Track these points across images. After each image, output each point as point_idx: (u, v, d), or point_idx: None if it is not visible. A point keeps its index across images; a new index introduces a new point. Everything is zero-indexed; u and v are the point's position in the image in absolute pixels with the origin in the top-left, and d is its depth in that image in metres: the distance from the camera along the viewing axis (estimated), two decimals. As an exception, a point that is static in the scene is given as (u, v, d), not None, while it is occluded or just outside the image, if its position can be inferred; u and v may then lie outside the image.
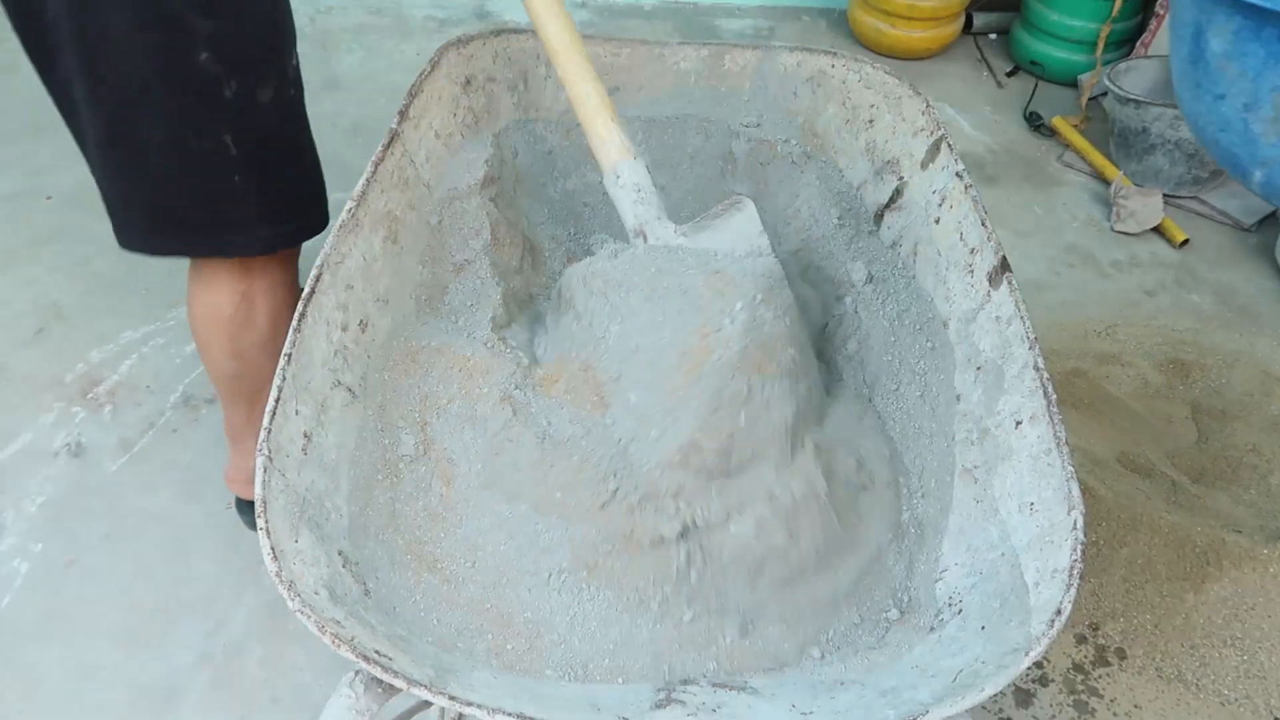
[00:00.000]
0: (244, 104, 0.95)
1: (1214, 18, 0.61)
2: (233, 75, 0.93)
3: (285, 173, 1.03)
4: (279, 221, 1.04)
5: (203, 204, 0.99)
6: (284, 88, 0.99)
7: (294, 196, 1.06)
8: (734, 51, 1.23)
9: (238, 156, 0.96)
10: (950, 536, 0.82)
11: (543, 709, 0.69)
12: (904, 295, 1.00)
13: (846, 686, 0.72)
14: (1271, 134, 0.60)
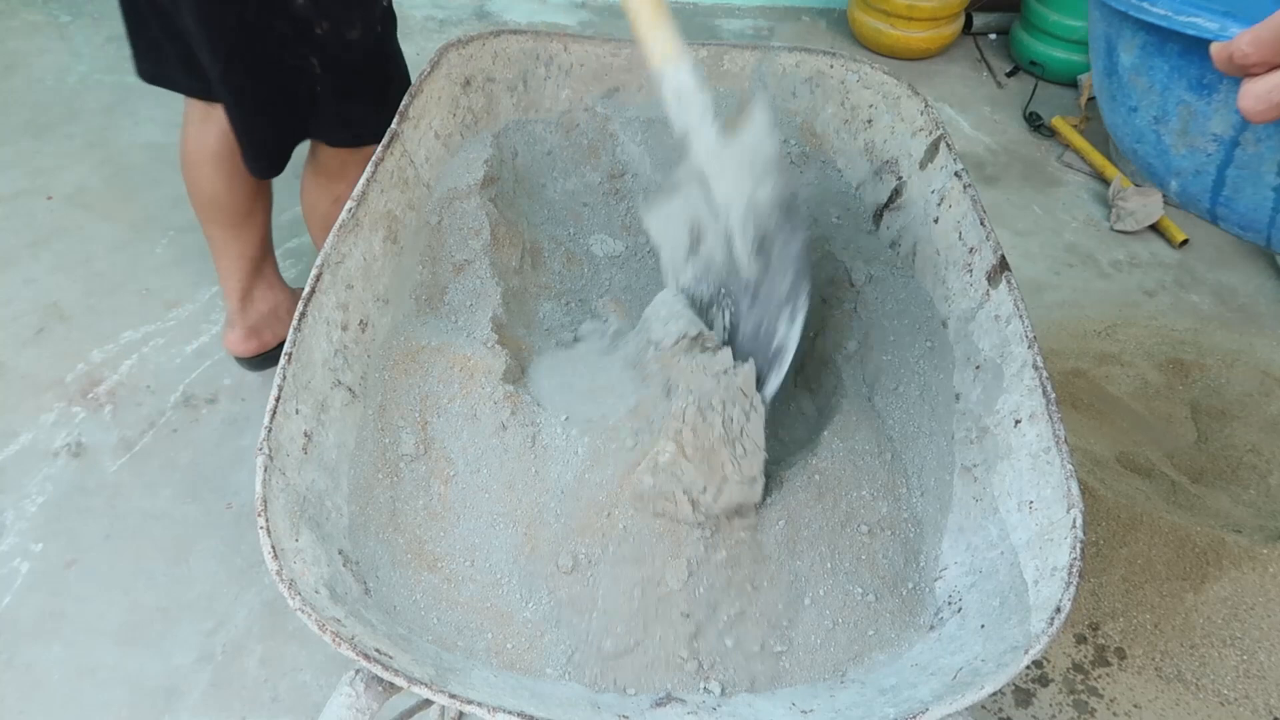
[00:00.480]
0: (331, 39, 1.20)
1: (1122, 33, 0.62)
2: (323, 18, 1.18)
3: (364, 92, 1.27)
4: (349, 124, 1.29)
5: (292, 108, 1.27)
6: (371, 26, 1.23)
7: (369, 112, 1.28)
8: (733, 52, 1.23)
9: (321, 75, 1.23)
10: (950, 535, 0.82)
11: (543, 707, 0.69)
12: (903, 295, 1.00)
13: (846, 685, 0.73)
14: (1181, 145, 0.61)
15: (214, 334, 1.76)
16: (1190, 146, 0.60)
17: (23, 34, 2.57)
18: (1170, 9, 0.55)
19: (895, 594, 0.79)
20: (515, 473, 0.83)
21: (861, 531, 0.82)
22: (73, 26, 2.63)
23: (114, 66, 2.48)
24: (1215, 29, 0.53)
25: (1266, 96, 0.47)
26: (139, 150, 2.20)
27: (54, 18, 2.65)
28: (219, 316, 1.80)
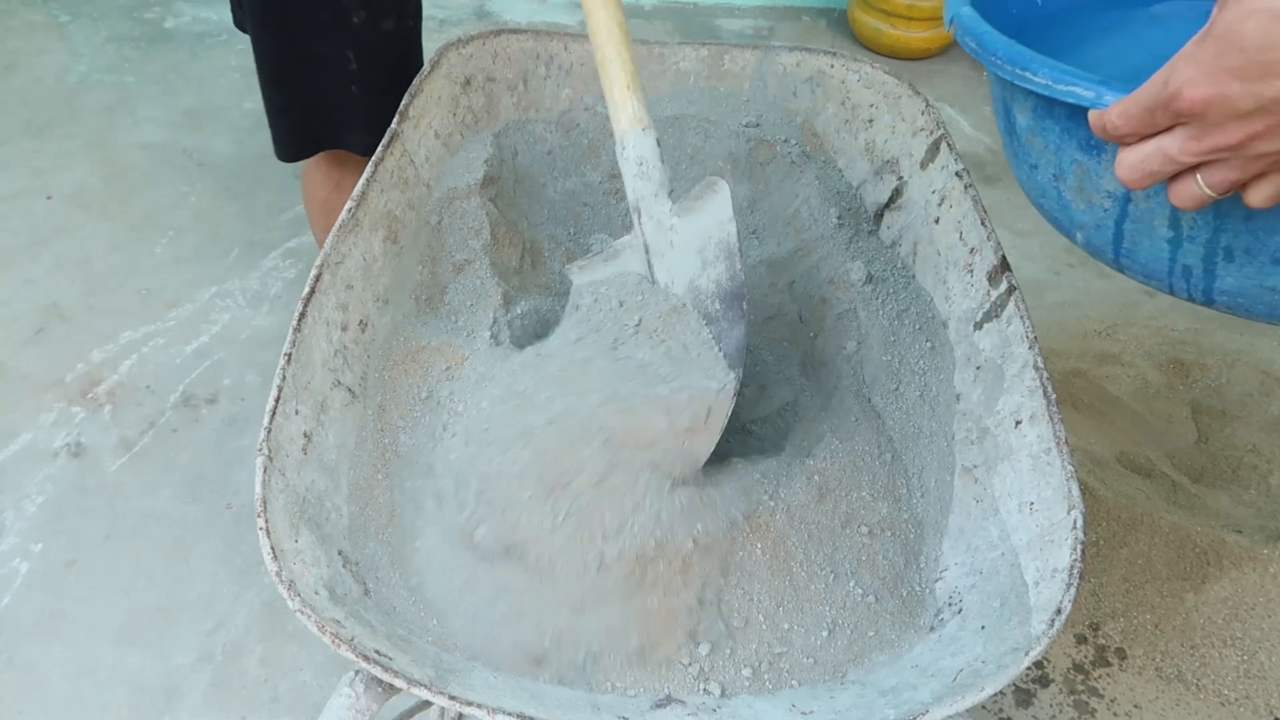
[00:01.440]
0: (367, 30, 1.18)
1: (1014, 95, 0.64)
2: (362, 7, 1.17)
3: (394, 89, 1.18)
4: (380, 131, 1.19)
5: (326, 107, 1.24)
6: (405, 19, 1.22)
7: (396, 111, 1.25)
8: (733, 51, 1.23)
9: (357, 70, 1.21)
10: (950, 536, 0.82)
11: (543, 709, 0.69)
12: (903, 295, 1.00)
13: (846, 686, 0.72)
14: (1079, 201, 0.62)
15: (214, 334, 1.76)
16: (1088, 202, 0.61)
17: (23, 34, 2.57)
18: (1050, 78, 0.57)
19: (895, 595, 0.79)
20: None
21: (862, 532, 0.82)
22: (73, 26, 2.63)
23: (114, 66, 2.48)
24: (1092, 97, 0.54)
25: (1140, 166, 0.48)
26: (139, 150, 2.20)
27: (54, 18, 2.65)
28: (219, 316, 1.80)
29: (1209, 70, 0.43)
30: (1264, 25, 0.41)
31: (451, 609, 0.76)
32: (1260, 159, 0.45)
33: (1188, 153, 0.46)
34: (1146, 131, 0.48)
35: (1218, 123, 0.44)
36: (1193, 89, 0.44)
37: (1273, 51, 0.41)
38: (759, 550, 0.78)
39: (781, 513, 0.81)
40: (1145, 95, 0.46)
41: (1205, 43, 0.43)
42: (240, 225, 2.02)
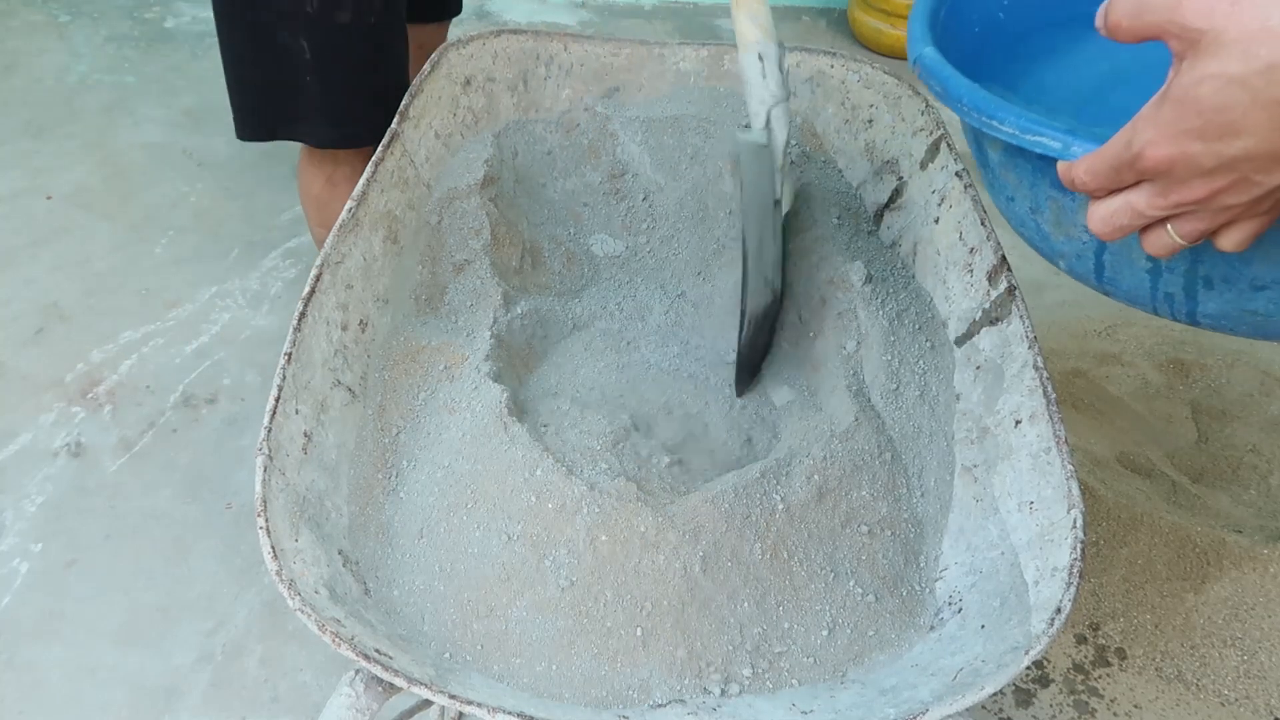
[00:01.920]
0: (320, 20, 1.16)
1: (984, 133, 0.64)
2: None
3: (353, 84, 1.21)
4: (339, 124, 1.23)
5: (281, 94, 1.22)
6: (364, 14, 1.17)
7: (358, 107, 1.23)
8: (733, 52, 1.23)
9: (311, 60, 1.18)
10: (950, 535, 0.82)
11: (543, 708, 0.69)
12: (903, 295, 1.00)
13: (846, 685, 0.72)
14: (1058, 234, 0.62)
15: (214, 334, 1.76)
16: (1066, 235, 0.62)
17: (23, 34, 2.57)
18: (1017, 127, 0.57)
19: (895, 594, 0.79)
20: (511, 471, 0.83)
21: (862, 532, 0.82)
22: (72, 26, 2.63)
23: (114, 66, 2.48)
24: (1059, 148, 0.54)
25: (1110, 220, 0.49)
26: (139, 150, 2.20)
27: (54, 18, 2.65)
28: (219, 316, 1.80)
29: (1170, 132, 0.44)
30: (1219, 89, 0.42)
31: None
32: (1227, 210, 0.46)
33: (1155, 208, 0.47)
34: (1113, 187, 0.49)
35: (1183, 179, 0.45)
36: (1155, 149, 0.45)
37: (1229, 113, 0.42)
38: (759, 550, 0.78)
39: (781, 512, 0.81)
40: (1110, 154, 0.48)
41: (1164, 105, 0.44)
42: (240, 225, 2.02)
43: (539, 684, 0.72)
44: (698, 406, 0.99)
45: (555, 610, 0.74)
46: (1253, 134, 0.42)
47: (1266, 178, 0.44)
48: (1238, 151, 0.43)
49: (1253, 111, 0.42)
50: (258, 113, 1.26)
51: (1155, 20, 0.44)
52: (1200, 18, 0.42)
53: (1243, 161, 0.43)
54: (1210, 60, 0.42)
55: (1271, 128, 0.42)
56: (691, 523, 0.77)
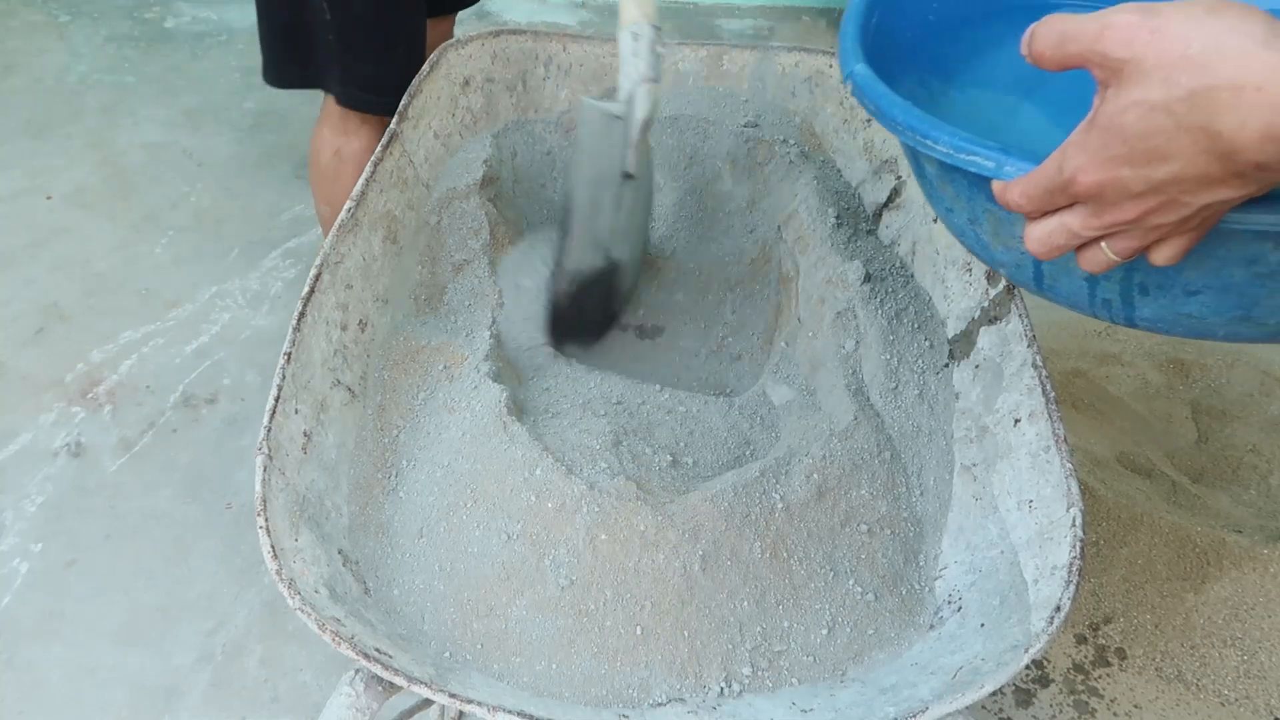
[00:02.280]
0: None
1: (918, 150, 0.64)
2: None
3: (367, 48, 1.27)
4: (349, 84, 1.30)
5: (303, 48, 1.30)
6: None
7: (370, 71, 1.29)
8: (732, 52, 1.23)
9: (331, 21, 1.24)
10: (950, 534, 0.82)
11: (543, 707, 0.69)
12: (902, 294, 1.00)
13: (846, 684, 0.73)
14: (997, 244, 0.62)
15: (214, 334, 1.76)
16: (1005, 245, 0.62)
17: (23, 34, 2.57)
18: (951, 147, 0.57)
19: (895, 593, 0.79)
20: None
21: (861, 531, 0.82)
22: (72, 26, 2.63)
23: (114, 66, 2.48)
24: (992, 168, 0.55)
25: (1046, 240, 0.50)
26: (139, 150, 2.20)
27: (54, 18, 2.66)
28: (219, 316, 1.80)
29: (1098, 158, 0.45)
30: (1143, 116, 0.43)
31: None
32: (1158, 228, 0.47)
33: (1089, 229, 0.48)
34: (1047, 209, 0.50)
35: (1114, 202, 0.46)
36: (1085, 175, 0.46)
37: (1154, 139, 0.43)
38: (759, 549, 0.78)
39: (781, 511, 0.81)
40: (1043, 178, 0.49)
41: (1092, 132, 0.45)
42: (240, 225, 2.02)
43: (539, 683, 0.72)
44: (697, 406, 0.99)
45: (555, 609, 0.74)
46: (1179, 158, 0.43)
47: (1194, 198, 0.45)
48: (1165, 175, 0.44)
49: (1177, 137, 0.42)
50: (285, 61, 1.34)
51: (1078, 50, 0.45)
52: (1121, 47, 0.43)
53: (1170, 184, 0.44)
54: (1133, 88, 0.43)
55: (1196, 152, 0.42)
56: (691, 522, 0.77)
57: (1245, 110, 0.40)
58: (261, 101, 2.38)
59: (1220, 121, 0.41)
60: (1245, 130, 0.41)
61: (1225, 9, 0.42)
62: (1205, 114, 0.41)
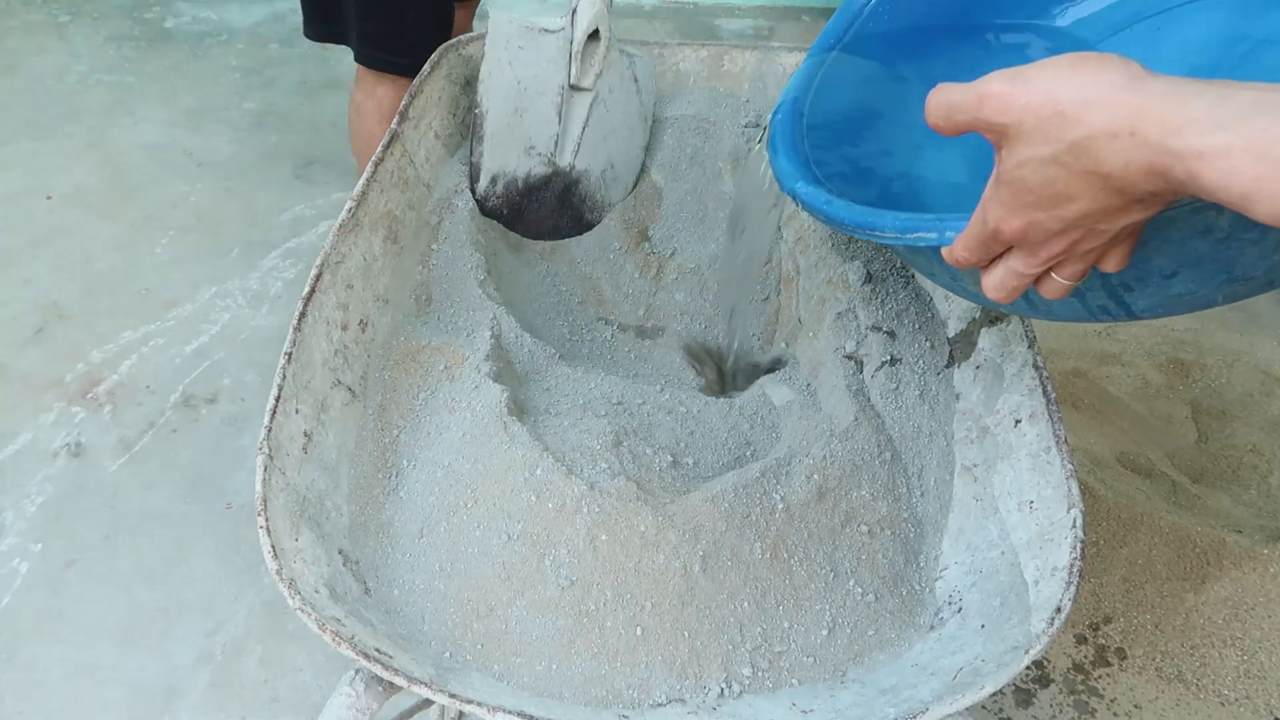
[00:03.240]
0: None
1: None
2: None
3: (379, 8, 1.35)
4: (365, 42, 1.38)
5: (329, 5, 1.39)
6: None
7: (380, 30, 1.37)
8: (733, 52, 1.23)
9: None
10: (950, 535, 0.82)
11: (543, 707, 0.69)
12: (902, 294, 1.00)
13: (846, 685, 0.73)
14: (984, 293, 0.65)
15: (214, 334, 1.76)
16: None
17: (22, 34, 2.57)
18: (898, 230, 0.61)
19: (895, 594, 0.79)
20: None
21: (861, 531, 0.82)
22: (72, 26, 2.63)
23: (114, 66, 2.48)
24: (935, 238, 0.58)
25: (1001, 286, 0.55)
26: (139, 150, 2.20)
27: (54, 18, 2.66)
28: (219, 316, 1.80)
29: (1012, 207, 0.49)
30: (1037, 170, 0.47)
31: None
32: (1091, 251, 0.51)
33: (1031, 267, 0.53)
34: (992, 256, 0.54)
35: (1040, 241, 0.51)
36: (1007, 224, 0.50)
37: (1054, 186, 0.47)
38: (759, 549, 0.78)
39: (781, 512, 0.81)
40: (974, 233, 0.53)
41: (1000, 187, 0.50)
42: (240, 225, 2.02)
43: (539, 683, 0.72)
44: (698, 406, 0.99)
45: (555, 609, 0.74)
46: (1081, 198, 0.47)
47: (1110, 225, 0.48)
48: (1075, 213, 0.48)
49: (1073, 181, 0.46)
50: (313, 19, 1.44)
51: (964, 120, 0.49)
52: (1000, 114, 0.47)
53: (1083, 219, 0.48)
54: (1021, 147, 0.47)
55: (1095, 191, 0.46)
56: (691, 522, 0.77)
57: (1125, 154, 0.43)
58: (261, 101, 2.38)
59: (1105, 165, 0.44)
60: (1130, 169, 0.44)
61: (1083, 61, 0.45)
62: (1090, 160, 0.45)
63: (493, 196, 1.10)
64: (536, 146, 1.10)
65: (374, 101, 1.43)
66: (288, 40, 2.61)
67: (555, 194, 1.14)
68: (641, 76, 1.17)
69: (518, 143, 1.09)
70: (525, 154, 1.10)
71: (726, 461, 0.91)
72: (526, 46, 1.05)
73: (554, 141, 1.10)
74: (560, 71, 1.07)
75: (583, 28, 1.04)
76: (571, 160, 1.12)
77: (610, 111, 1.13)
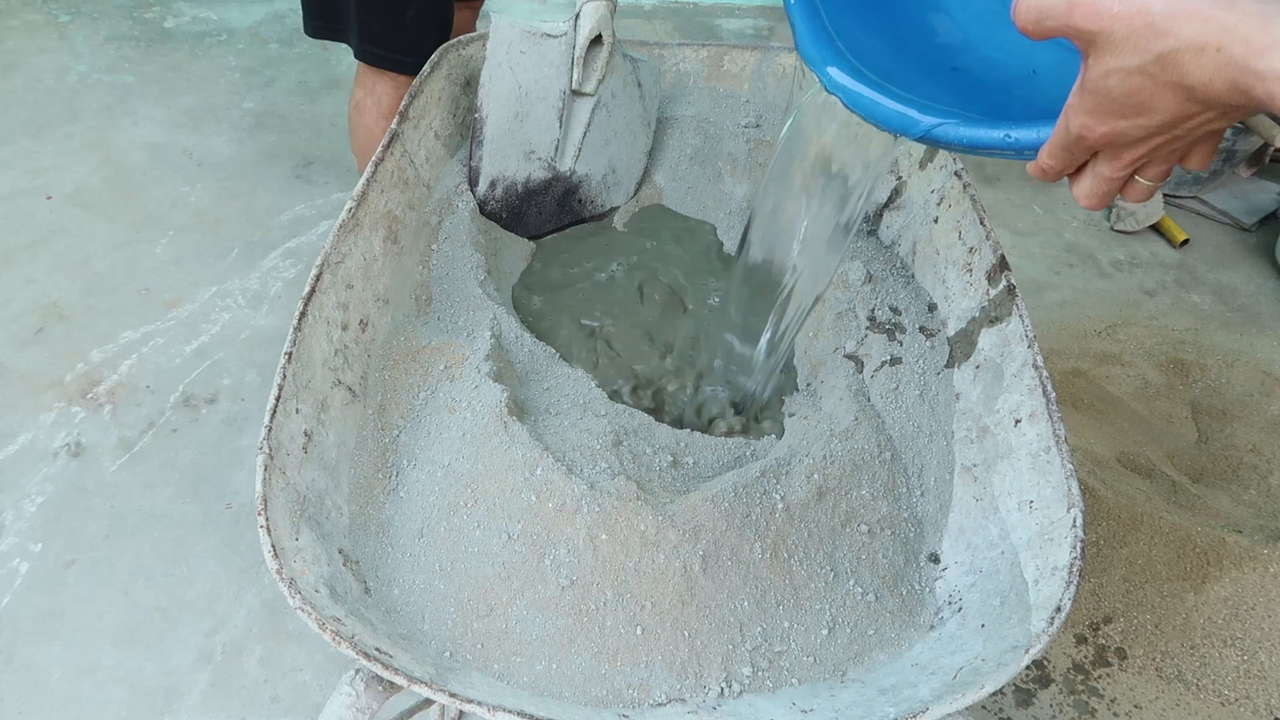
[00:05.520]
0: None
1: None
2: None
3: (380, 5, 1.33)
4: (365, 40, 1.37)
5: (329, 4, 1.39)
6: None
7: (380, 28, 1.36)
8: (733, 52, 1.23)
9: None
10: (950, 534, 0.82)
11: (543, 707, 0.69)
12: (903, 294, 1.00)
13: (847, 684, 0.72)
14: None
15: (214, 334, 1.76)
16: None
17: (22, 34, 2.57)
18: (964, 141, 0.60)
19: (895, 593, 0.79)
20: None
21: (862, 531, 0.82)
22: (72, 26, 2.63)
23: (114, 66, 2.48)
24: (1001, 137, 0.58)
25: (1092, 193, 0.56)
26: (139, 150, 2.20)
27: (54, 17, 2.66)
28: (219, 316, 1.80)
29: (1096, 115, 0.51)
30: (1123, 80, 0.48)
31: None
32: (1174, 152, 0.53)
33: (1116, 170, 0.54)
34: (1077, 164, 0.56)
35: (1124, 146, 0.52)
36: (1090, 131, 0.52)
37: (1138, 96, 0.48)
38: (759, 549, 0.78)
39: (781, 511, 0.81)
40: (1058, 141, 0.55)
41: (1084, 95, 0.51)
42: (240, 225, 2.02)
43: (539, 683, 0.72)
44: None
45: (555, 609, 0.74)
46: (1163, 108, 0.48)
47: (1191, 132, 0.50)
48: (1157, 123, 0.49)
49: (1158, 93, 0.48)
50: (313, 15, 1.43)
51: (1054, 25, 0.50)
52: (1090, 21, 0.48)
53: (1165, 127, 0.50)
54: (1109, 57, 0.48)
55: (1178, 103, 0.48)
56: (691, 522, 0.77)
57: (1209, 69, 0.45)
58: (261, 101, 2.38)
59: (1190, 79, 0.46)
60: (1214, 85, 0.45)
61: None
62: (1175, 73, 0.46)
63: (491, 200, 1.10)
64: (537, 151, 1.10)
65: (374, 99, 1.43)
66: (287, 40, 2.61)
67: (555, 198, 1.14)
68: (645, 81, 1.17)
69: (518, 147, 1.09)
70: (525, 158, 1.10)
71: (726, 461, 0.91)
72: (528, 51, 1.05)
73: (555, 146, 1.10)
74: (562, 76, 1.06)
75: (585, 33, 1.04)
76: (572, 165, 1.13)
77: (613, 116, 1.13)
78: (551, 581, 0.75)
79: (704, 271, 1.14)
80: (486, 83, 1.04)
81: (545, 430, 0.87)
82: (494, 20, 1.04)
